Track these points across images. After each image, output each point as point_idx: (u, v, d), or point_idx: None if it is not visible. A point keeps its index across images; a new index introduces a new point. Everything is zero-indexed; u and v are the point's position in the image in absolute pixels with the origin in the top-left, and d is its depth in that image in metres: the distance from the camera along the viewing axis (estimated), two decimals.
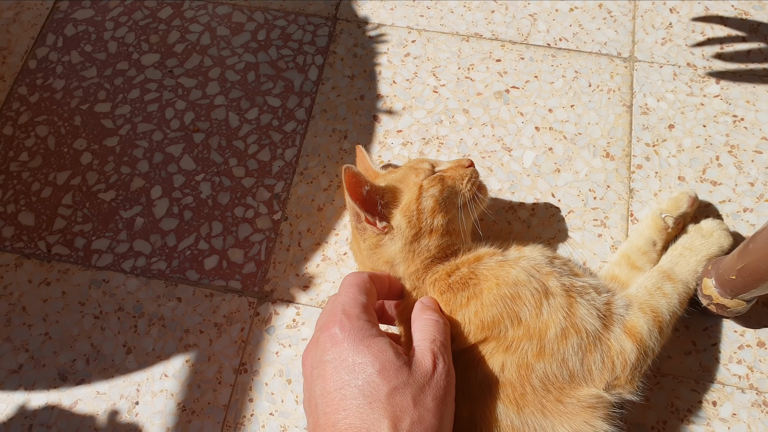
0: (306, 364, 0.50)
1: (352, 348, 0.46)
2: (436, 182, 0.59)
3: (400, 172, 0.62)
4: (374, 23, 0.88)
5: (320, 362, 0.47)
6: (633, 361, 0.54)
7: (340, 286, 0.52)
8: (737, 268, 0.58)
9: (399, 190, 0.59)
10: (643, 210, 0.74)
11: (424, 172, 0.61)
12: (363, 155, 0.69)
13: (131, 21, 0.89)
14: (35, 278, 0.73)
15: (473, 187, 0.62)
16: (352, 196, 0.55)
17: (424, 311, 0.52)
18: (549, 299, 0.53)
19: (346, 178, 0.55)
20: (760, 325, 0.68)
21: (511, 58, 0.84)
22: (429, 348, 0.48)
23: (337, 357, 0.46)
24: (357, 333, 0.47)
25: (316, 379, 0.47)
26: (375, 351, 0.46)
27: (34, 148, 0.80)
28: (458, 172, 0.62)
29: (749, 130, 0.78)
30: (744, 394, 0.65)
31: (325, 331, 0.48)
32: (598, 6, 0.88)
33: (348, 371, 0.45)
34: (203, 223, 0.76)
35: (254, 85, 0.84)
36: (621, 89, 0.82)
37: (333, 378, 0.45)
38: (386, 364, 0.45)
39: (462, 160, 0.65)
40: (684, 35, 0.85)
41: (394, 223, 0.58)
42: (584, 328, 0.53)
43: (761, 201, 0.74)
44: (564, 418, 0.51)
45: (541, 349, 0.52)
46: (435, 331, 0.50)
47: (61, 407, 0.67)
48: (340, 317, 0.48)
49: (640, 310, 0.58)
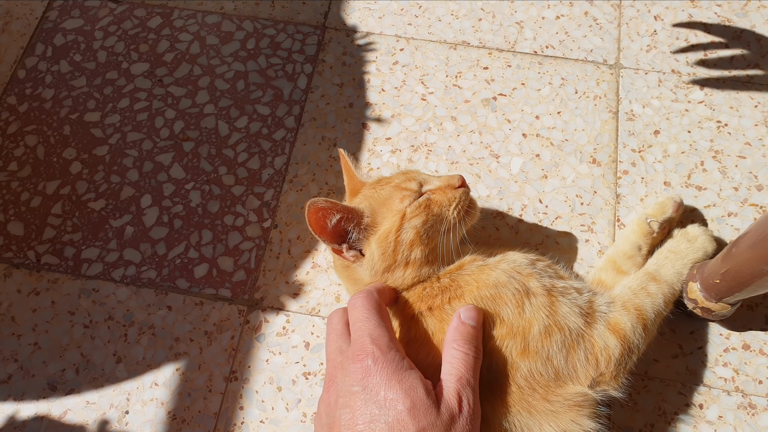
0: (330, 389, 0.49)
1: (385, 382, 0.46)
2: (420, 211, 0.57)
3: (385, 191, 0.60)
4: (363, 32, 0.88)
5: (348, 392, 0.46)
6: (617, 356, 0.55)
7: (354, 309, 0.51)
8: (721, 272, 0.59)
9: (379, 214, 0.57)
10: (629, 215, 0.75)
11: (409, 196, 0.58)
12: (346, 161, 0.67)
13: (120, 30, 0.89)
14: (24, 288, 0.73)
15: (461, 211, 0.59)
16: (316, 231, 0.55)
17: (456, 340, 0.50)
18: (530, 299, 0.54)
19: (309, 216, 0.54)
20: (745, 328, 0.68)
21: (498, 65, 0.85)
22: (455, 388, 0.47)
23: (368, 389, 0.46)
24: (389, 366, 0.46)
25: (342, 408, 0.47)
26: (406, 387, 0.45)
27: (23, 158, 0.80)
28: (447, 196, 0.59)
29: (733, 135, 0.79)
30: (730, 397, 0.66)
31: (357, 362, 0.47)
32: (584, 14, 0.89)
33: (378, 406, 0.45)
34: (193, 231, 0.76)
35: (244, 93, 0.84)
36: (607, 96, 0.83)
37: (362, 411, 0.45)
38: (416, 402, 0.45)
39: (452, 178, 0.61)
40: (668, 42, 0.86)
41: (366, 252, 0.56)
42: (567, 325, 0.54)
43: (745, 205, 0.75)
44: (550, 417, 0.51)
45: (526, 347, 0.52)
46: (462, 367, 0.49)
47: (51, 417, 0.67)
48: (372, 348, 0.47)
49: (624, 308, 0.59)
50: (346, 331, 0.51)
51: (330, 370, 0.50)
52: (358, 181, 0.65)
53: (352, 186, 0.65)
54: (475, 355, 0.50)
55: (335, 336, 0.52)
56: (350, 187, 0.66)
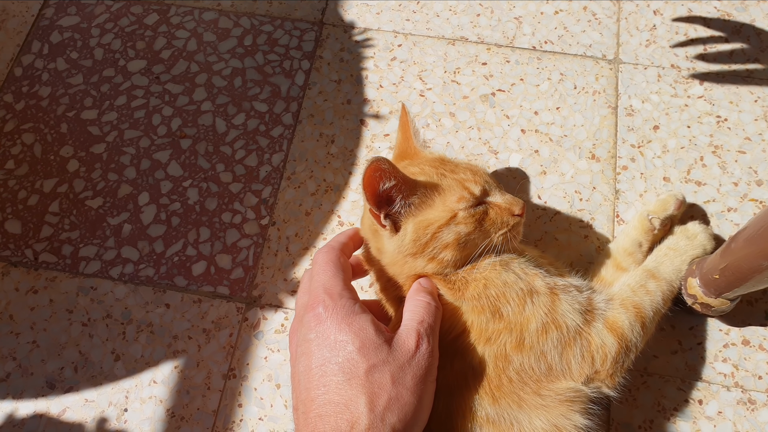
0: (292, 342, 0.51)
1: (335, 326, 0.47)
2: (471, 221, 0.54)
3: (447, 180, 0.56)
4: (360, 28, 0.88)
5: (304, 341, 0.48)
6: (613, 355, 0.55)
7: (314, 263, 0.53)
8: (720, 267, 0.59)
9: (430, 198, 0.54)
10: (629, 211, 0.75)
11: (468, 199, 0.54)
12: (407, 119, 0.62)
13: (117, 27, 0.89)
14: (22, 286, 0.73)
15: (508, 239, 0.56)
16: (366, 188, 0.51)
17: (419, 292, 0.52)
18: (533, 297, 0.54)
19: (368, 171, 0.49)
20: (745, 324, 0.68)
21: (496, 61, 0.85)
22: (415, 328, 0.48)
23: (321, 335, 0.47)
24: (340, 311, 0.48)
25: (300, 356, 0.48)
26: (356, 329, 0.47)
27: (20, 156, 0.80)
28: (502, 218, 0.56)
29: (732, 130, 0.79)
30: (729, 393, 0.65)
31: (310, 311, 0.48)
32: (583, 9, 0.88)
33: (329, 349, 0.46)
34: (191, 229, 0.76)
35: (241, 90, 0.84)
36: (606, 91, 0.82)
37: (315, 355, 0.46)
38: (366, 341, 0.46)
39: (516, 204, 0.57)
40: (668, 37, 0.86)
41: (401, 228, 0.54)
42: (565, 323, 0.54)
43: (745, 201, 0.75)
44: (541, 410, 0.51)
45: (521, 342, 0.52)
46: (425, 312, 0.50)
47: (50, 415, 0.67)
48: (323, 297, 0.49)
49: (622, 306, 0.58)
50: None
51: (293, 324, 0.52)
52: (413, 145, 0.62)
53: (404, 148, 0.62)
54: (436, 305, 0.52)
55: (301, 293, 0.53)
56: (401, 148, 0.62)
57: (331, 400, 0.44)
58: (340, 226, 0.75)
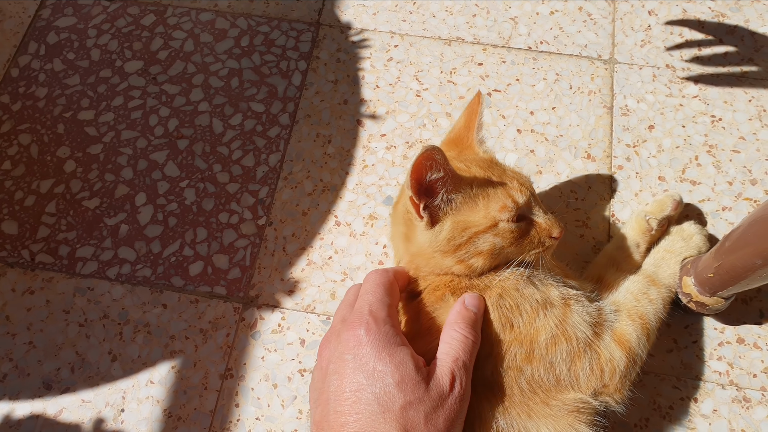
0: (323, 355, 0.50)
1: (375, 354, 0.46)
2: (509, 237, 0.52)
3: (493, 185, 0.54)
4: (357, 28, 0.88)
5: (340, 359, 0.47)
6: (622, 369, 0.55)
7: (366, 282, 0.51)
8: (714, 266, 0.59)
9: (473, 199, 0.52)
10: (624, 210, 0.75)
11: (511, 210, 0.52)
12: (476, 108, 0.59)
13: (114, 28, 0.89)
14: (19, 287, 0.73)
15: (539, 258, 0.55)
16: (412, 175, 0.49)
17: (458, 323, 0.50)
18: (547, 309, 0.53)
19: (420, 158, 0.47)
20: (740, 322, 0.69)
21: (492, 61, 0.85)
22: (449, 368, 0.47)
23: (359, 359, 0.46)
24: (381, 339, 0.46)
25: (332, 374, 0.47)
26: (396, 362, 0.46)
27: (16, 157, 0.80)
28: (539, 237, 0.55)
29: (727, 130, 0.79)
30: (725, 391, 0.66)
31: (351, 329, 0.47)
32: (578, 9, 0.89)
33: (367, 376, 0.45)
34: (188, 229, 0.76)
35: (238, 91, 0.84)
36: (601, 91, 0.83)
37: (350, 379, 0.46)
38: (405, 377, 0.45)
39: (557, 227, 0.55)
40: (663, 37, 0.86)
41: (439, 223, 0.52)
42: (575, 335, 0.53)
43: (740, 199, 0.75)
44: (549, 420, 0.51)
45: (531, 354, 0.52)
46: (461, 349, 0.48)
47: (46, 416, 0.67)
48: (367, 319, 0.48)
49: (629, 317, 0.58)
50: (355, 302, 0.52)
51: (327, 335, 0.51)
52: (472, 137, 0.59)
53: (461, 137, 0.60)
54: (474, 340, 0.49)
55: (344, 306, 0.52)
56: (459, 135, 0.60)
57: (362, 429, 0.44)
58: (336, 226, 0.75)
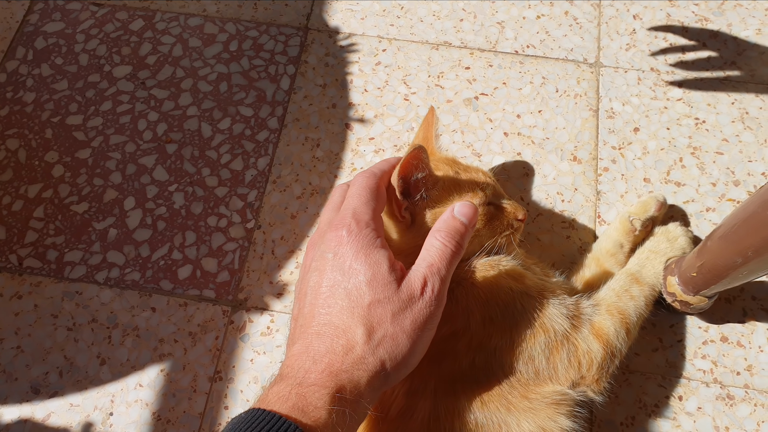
0: (308, 254, 0.51)
1: (353, 253, 0.47)
2: (483, 219, 0.57)
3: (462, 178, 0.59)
4: (345, 33, 0.89)
5: (321, 257, 0.48)
6: (599, 361, 0.55)
7: (352, 184, 0.51)
8: (697, 265, 0.60)
9: (449, 195, 0.56)
10: (610, 212, 0.76)
11: (482, 197, 0.57)
12: (431, 120, 0.64)
13: (102, 33, 0.89)
14: (6, 292, 0.73)
15: (509, 241, 0.59)
16: (400, 174, 0.52)
17: (440, 231, 0.50)
18: (525, 301, 0.54)
19: (408, 157, 0.50)
20: (723, 321, 0.70)
21: (479, 65, 0.86)
22: (423, 273, 0.47)
23: (338, 257, 0.47)
24: (362, 240, 0.47)
25: (312, 271, 0.48)
26: (372, 261, 0.46)
27: (4, 162, 0.80)
28: (508, 219, 0.59)
29: (711, 132, 0.80)
30: (709, 389, 0.67)
31: (334, 230, 0.48)
32: (564, 13, 0.90)
33: (342, 273, 0.46)
34: (177, 233, 0.76)
35: (226, 95, 0.84)
36: (587, 94, 0.84)
37: (328, 275, 0.47)
38: (378, 275, 0.46)
39: (521, 210, 0.61)
40: (647, 41, 0.87)
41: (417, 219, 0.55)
42: (552, 327, 0.54)
43: (723, 200, 0.76)
44: (528, 413, 0.52)
45: (510, 346, 0.52)
46: (437, 256, 0.48)
47: (34, 420, 0.66)
48: (350, 221, 0.48)
49: (608, 312, 0.59)
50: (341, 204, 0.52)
51: (314, 236, 0.52)
52: (432, 146, 0.64)
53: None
54: (454, 250, 0.49)
55: (329, 208, 0.53)
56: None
57: (331, 322, 0.45)
58: None
